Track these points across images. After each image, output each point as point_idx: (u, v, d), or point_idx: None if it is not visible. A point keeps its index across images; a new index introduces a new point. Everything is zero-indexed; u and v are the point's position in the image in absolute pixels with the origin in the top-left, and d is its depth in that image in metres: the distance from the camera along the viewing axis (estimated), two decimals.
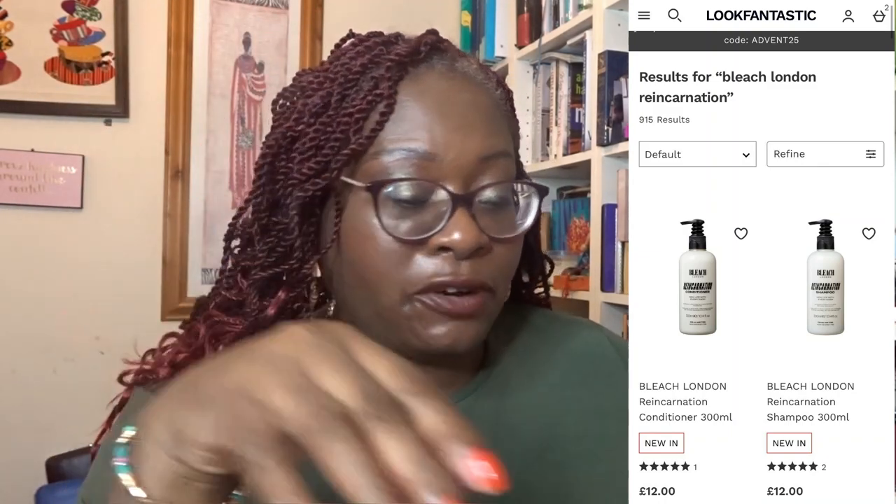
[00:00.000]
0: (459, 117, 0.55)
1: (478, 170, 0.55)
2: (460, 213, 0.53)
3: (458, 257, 0.53)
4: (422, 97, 0.55)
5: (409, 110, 0.54)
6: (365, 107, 0.54)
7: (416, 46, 0.56)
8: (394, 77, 0.54)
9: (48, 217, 1.99)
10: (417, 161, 0.53)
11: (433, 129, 0.54)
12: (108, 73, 2.04)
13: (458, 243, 0.52)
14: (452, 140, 0.54)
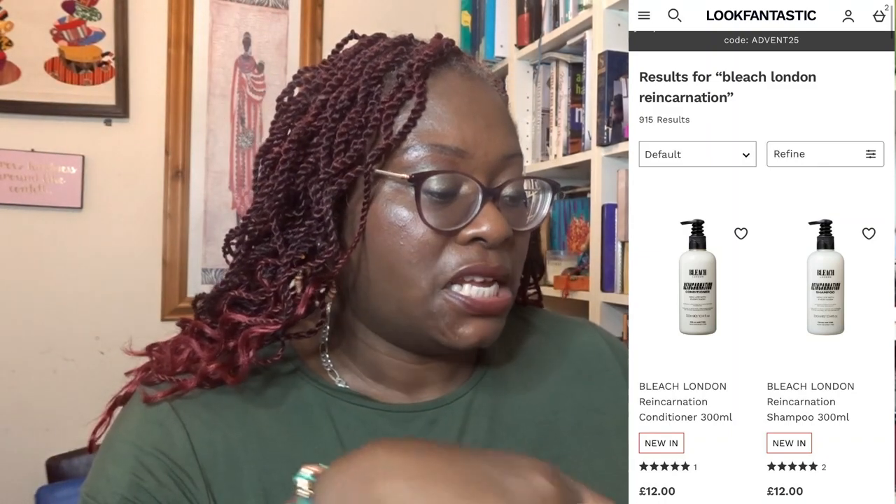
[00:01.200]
0: (485, 117, 0.58)
1: (501, 167, 0.57)
2: (489, 206, 0.56)
3: (488, 247, 0.55)
4: (447, 96, 0.57)
5: (437, 108, 0.56)
6: (395, 103, 0.56)
7: (439, 48, 0.59)
8: (423, 75, 0.57)
9: (48, 217, 1.99)
10: (449, 157, 0.55)
11: (463, 127, 0.56)
12: (108, 73, 2.04)
13: (490, 234, 0.55)
14: (481, 139, 0.56)
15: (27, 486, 1.84)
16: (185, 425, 0.55)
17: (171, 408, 0.56)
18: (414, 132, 0.56)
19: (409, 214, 0.55)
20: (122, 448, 0.55)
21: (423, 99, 0.56)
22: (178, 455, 0.54)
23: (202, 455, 0.54)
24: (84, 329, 2.00)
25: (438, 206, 0.55)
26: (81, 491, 0.55)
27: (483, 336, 0.56)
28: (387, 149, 0.55)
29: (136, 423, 0.56)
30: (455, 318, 0.56)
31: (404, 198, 0.55)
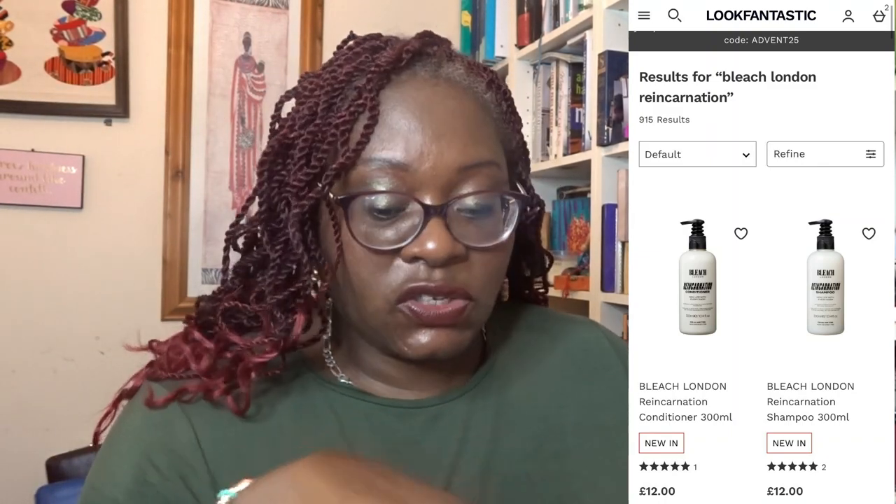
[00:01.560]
0: (439, 125, 0.54)
1: (457, 179, 0.54)
2: (434, 223, 0.53)
3: (430, 266, 0.53)
4: (402, 105, 0.55)
5: (388, 118, 0.54)
6: (348, 118, 0.54)
7: (398, 54, 0.56)
8: (375, 87, 0.54)
9: (48, 217, 1.99)
10: (392, 171, 0.53)
11: (410, 138, 0.54)
12: (108, 73, 2.04)
13: (430, 253, 0.53)
14: (430, 150, 0.54)
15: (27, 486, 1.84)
16: (191, 420, 0.55)
17: (177, 403, 0.56)
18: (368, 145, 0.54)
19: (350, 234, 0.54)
20: (127, 442, 0.55)
21: (375, 112, 0.54)
22: (182, 450, 0.54)
23: (208, 450, 0.54)
24: (84, 329, 2.00)
25: (384, 222, 0.54)
26: (86, 483, 0.55)
27: (436, 347, 0.55)
28: (342, 167, 0.54)
29: (141, 418, 0.56)
30: (406, 329, 0.55)
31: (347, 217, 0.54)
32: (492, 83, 0.60)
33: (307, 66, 2.19)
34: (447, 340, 0.55)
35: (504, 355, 0.65)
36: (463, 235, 0.54)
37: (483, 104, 0.58)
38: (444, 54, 0.59)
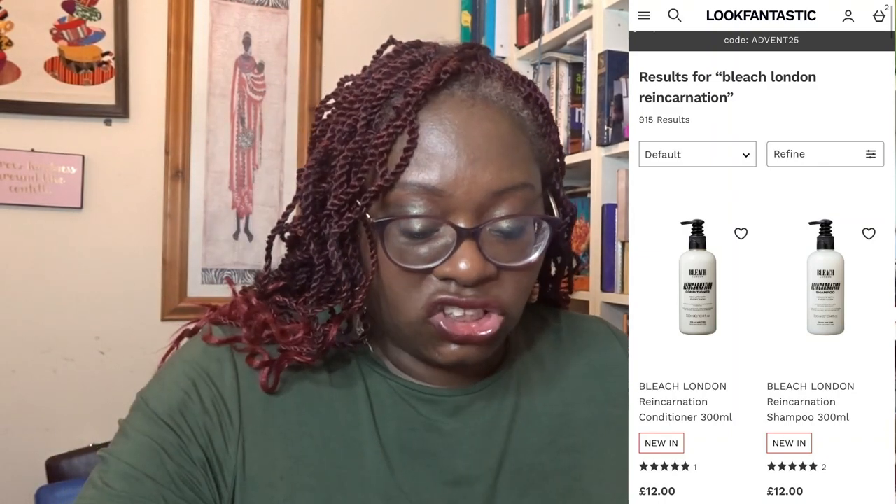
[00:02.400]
0: (475, 149, 0.55)
1: (490, 202, 0.56)
2: (466, 244, 0.55)
3: (465, 285, 0.55)
4: (439, 127, 0.55)
5: (425, 141, 0.55)
6: (387, 139, 0.55)
7: (436, 75, 0.56)
8: (413, 109, 0.55)
9: (48, 217, 1.99)
10: (427, 195, 0.55)
11: (446, 164, 0.55)
12: (108, 73, 2.04)
13: (461, 273, 0.54)
14: (464, 175, 0.55)
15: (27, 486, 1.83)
16: (237, 367, 0.60)
17: (229, 349, 0.61)
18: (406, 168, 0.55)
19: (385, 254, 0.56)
20: (182, 367, 0.60)
21: (414, 136, 0.55)
22: (226, 390, 0.59)
23: (245, 398, 0.59)
24: (84, 329, 2.00)
25: (418, 242, 0.56)
26: (138, 394, 0.60)
27: (465, 356, 0.58)
28: (379, 191, 0.55)
29: (199, 352, 0.61)
30: (437, 340, 0.57)
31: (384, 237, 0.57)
32: (529, 98, 0.60)
33: (307, 66, 2.18)
34: (476, 352, 0.58)
35: (523, 355, 0.69)
36: (495, 255, 0.55)
37: (519, 123, 0.59)
38: (483, 70, 0.59)
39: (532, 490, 0.61)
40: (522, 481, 0.62)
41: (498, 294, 0.57)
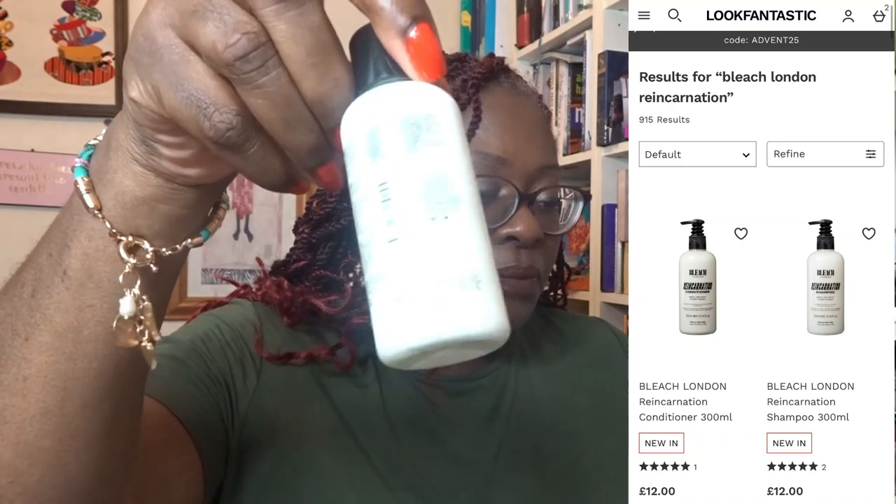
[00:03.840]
0: (526, 130, 0.64)
1: (537, 175, 0.64)
2: (524, 209, 0.62)
3: (521, 247, 0.62)
4: (494, 109, 0.64)
5: (484, 119, 0.63)
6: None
7: (490, 66, 0.66)
8: (476, 90, 0.64)
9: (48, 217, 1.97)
10: (491, 164, 0.62)
11: (505, 138, 0.63)
12: (108, 73, 2.04)
13: (523, 233, 0.61)
14: (521, 149, 0.63)
15: None
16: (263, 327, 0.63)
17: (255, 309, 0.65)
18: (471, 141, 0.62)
19: None
20: (208, 318, 0.64)
21: (479, 112, 0.63)
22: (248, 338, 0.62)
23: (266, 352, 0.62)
24: None
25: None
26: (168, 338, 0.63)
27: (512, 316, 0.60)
28: None
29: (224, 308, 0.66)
30: None
31: None
32: (540, 99, 0.71)
33: None
34: (520, 311, 0.63)
35: (524, 345, 0.72)
36: (541, 223, 0.63)
37: (546, 117, 0.69)
38: (514, 74, 0.70)
39: (530, 471, 0.64)
40: (521, 463, 0.64)
41: (541, 259, 0.64)
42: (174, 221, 0.35)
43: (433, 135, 0.31)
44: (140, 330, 0.34)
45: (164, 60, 0.30)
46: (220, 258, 2.08)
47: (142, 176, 0.34)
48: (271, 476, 0.58)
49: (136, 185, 0.34)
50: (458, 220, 0.30)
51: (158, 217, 0.35)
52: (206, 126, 0.30)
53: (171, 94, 0.30)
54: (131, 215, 0.34)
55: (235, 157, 0.31)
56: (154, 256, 0.35)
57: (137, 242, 0.34)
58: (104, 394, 0.37)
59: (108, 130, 0.35)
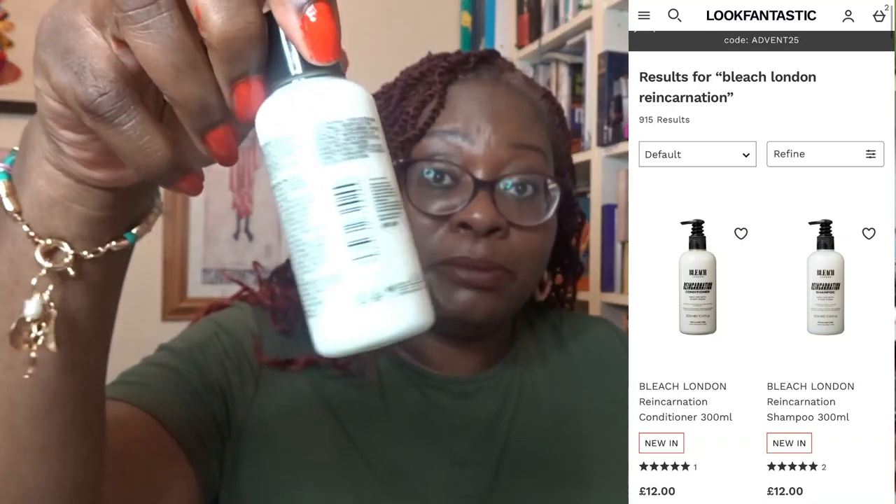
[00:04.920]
0: (496, 111, 0.62)
1: (506, 157, 0.61)
2: (482, 195, 0.59)
3: (475, 235, 0.58)
4: (466, 94, 0.62)
5: (451, 104, 0.62)
6: (418, 105, 0.61)
7: (466, 57, 0.64)
8: (444, 81, 0.62)
9: None
10: (451, 142, 0.60)
11: (469, 120, 0.61)
12: None
13: (476, 221, 0.58)
14: (485, 128, 0.60)
15: None
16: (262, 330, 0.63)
17: (254, 313, 0.64)
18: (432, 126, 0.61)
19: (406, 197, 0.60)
20: (208, 324, 0.63)
21: (442, 99, 0.61)
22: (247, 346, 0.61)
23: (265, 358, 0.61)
24: None
25: (437, 192, 0.60)
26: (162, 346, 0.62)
27: (471, 307, 0.60)
28: (406, 142, 0.60)
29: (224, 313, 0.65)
30: (444, 288, 0.60)
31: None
32: (547, 96, 0.68)
33: None
34: (480, 302, 0.60)
35: (529, 348, 0.71)
36: (507, 212, 0.60)
37: (537, 109, 0.66)
38: (506, 66, 0.68)
39: (533, 475, 0.64)
40: (524, 466, 0.64)
41: (507, 254, 0.60)
42: (92, 223, 0.34)
43: (377, 140, 0.32)
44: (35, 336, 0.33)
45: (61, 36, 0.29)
46: (219, 258, 2.08)
47: (52, 175, 0.33)
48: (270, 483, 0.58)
49: (49, 186, 0.33)
50: (402, 225, 0.32)
51: (75, 219, 0.33)
52: (80, 92, 0.28)
53: (56, 67, 0.29)
54: (47, 216, 0.33)
55: (110, 130, 0.29)
56: (74, 260, 0.33)
57: (56, 245, 0.33)
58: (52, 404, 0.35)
59: (25, 129, 0.34)
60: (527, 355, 0.71)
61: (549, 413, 0.67)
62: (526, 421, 0.66)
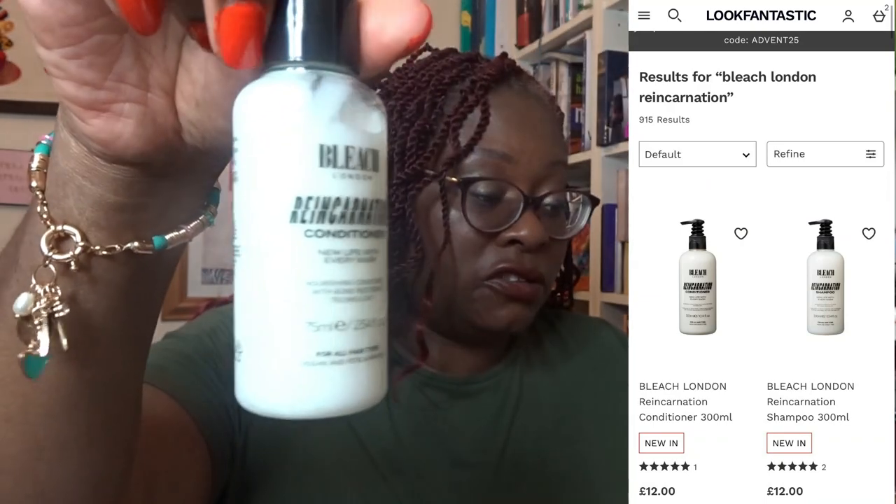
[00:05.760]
0: (533, 128, 0.63)
1: (544, 174, 0.63)
2: (529, 212, 0.61)
3: (525, 251, 0.61)
4: (502, 110, 0.63)
5: (493, 118, 0.62)
6: (459, 116, 0.62)
7: (500, 68, 0.65)
8: (484, 91, 0.63)
9: None
10: (496, 162, 0.61)
11: (511, 136, 0.62)
12: None
13: (527, 238, 0.60)
14: (527, 147, 0.62)
15: None
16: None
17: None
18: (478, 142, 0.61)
19: (457, 214, 0.61)
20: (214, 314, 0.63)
21: (487, 114, 0.62)
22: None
23: None
24: None
25: (484, 208, 0.61)
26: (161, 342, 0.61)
27: (513, 320, 0.62)
28: (456, 158, 0.61)
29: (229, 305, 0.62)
30: (491, 303, 0.61)
31: (455, 199, 0.61)
32: (553, 100, 0.70)
33: None
34: (521, 315, 0.62)
35: (528, 349, 0.72)
36: (547, 227, 0.62)
37: (557, 120, 0.69)
38: (526, 76, 0.69)
39: (532, 474, 0.64)
40: (524, 466, 0.64)
41: (544, 266, 0.63)
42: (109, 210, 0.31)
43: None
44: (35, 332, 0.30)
45: None
46: (219, 258, 2.08)
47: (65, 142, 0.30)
48: (275, 476, 0.58)
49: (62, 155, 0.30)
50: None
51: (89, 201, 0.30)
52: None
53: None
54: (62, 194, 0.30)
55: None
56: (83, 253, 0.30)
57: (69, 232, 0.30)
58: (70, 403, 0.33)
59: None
60: (526, 355, 0.71)
61: (548, 413, 0.68)
62: (526, 421, 0.66)
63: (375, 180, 0.27)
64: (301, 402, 0.26)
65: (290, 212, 0.25)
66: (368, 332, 0.27)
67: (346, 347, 0.26)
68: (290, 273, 0.26)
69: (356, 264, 0.26)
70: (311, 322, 0.26)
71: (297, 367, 0.26)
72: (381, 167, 0.27)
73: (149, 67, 0.29)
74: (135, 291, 0.33)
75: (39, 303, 0.30)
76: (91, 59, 0.27)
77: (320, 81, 0.26)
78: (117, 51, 0.28)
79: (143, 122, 0.29)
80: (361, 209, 0.26)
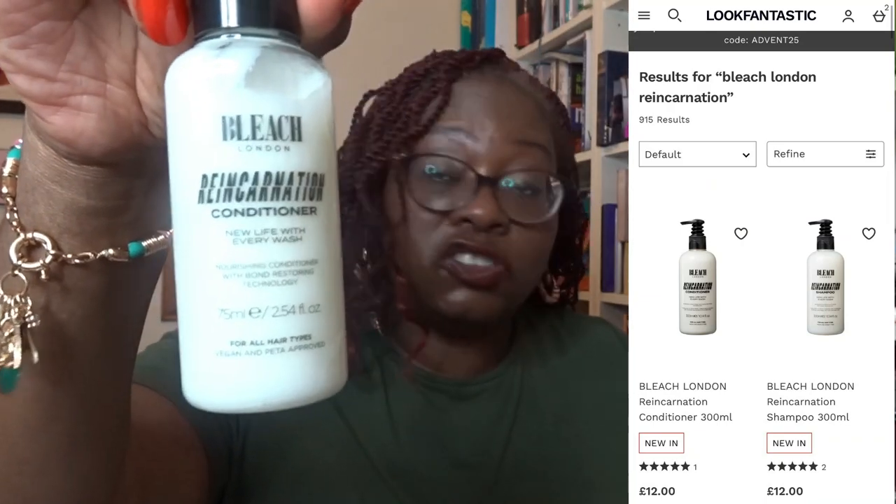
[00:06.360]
0: (500, 108, 0.61)
1: (510, 153, 0.60)
2: (484, 191, 0.59)
3: (477, 230, 0.58)
4: (470, 91, 0.62)
5: (456, 101, 0.62)
6: (423, 101, 0.61)
7: (471, 55, 0.64)
8: (448, 78, 0.62)
9: None
10: (455, 138, 0.60)
11: (474, 116, 0.61)
12: None
13: (477, 217, 0.58)
14: (489, 124, 0.60)
15: None
16: None
17: None
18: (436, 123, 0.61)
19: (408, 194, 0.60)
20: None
21: (447, 97, 0.61)
22: None
23: None
24: None
25: (440, 188, 0.60)
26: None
27: (470, 307, 0.60)
28: (410, 138, 0.60)
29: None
30: (446, 285, 0.60)
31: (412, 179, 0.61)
32: (552, 96, 0.68)
33: None
34: (481, 302, 0.60)
35: (528, 349, 0.71)
36: (509, 209, 0.59)
37: (542, 108, 0.66)
38: (511, 65, 0.68)
39: (533, 476, 0.64)
40: (524, 468, 0.64)
41: (506, 248, 0.60)
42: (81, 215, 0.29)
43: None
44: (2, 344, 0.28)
45: None
46: None
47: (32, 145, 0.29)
48: (273, 480, 0.58)
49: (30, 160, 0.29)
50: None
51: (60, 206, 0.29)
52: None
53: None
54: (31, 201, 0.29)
55: None
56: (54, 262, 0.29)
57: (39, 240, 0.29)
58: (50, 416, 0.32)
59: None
60: (527, 356, 0.71)
61: (549, 414, 0.67)
62: (526, 422, 0.66)
63: (296, 151, 0.25)
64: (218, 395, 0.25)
65: (198, 191, 0.24)
66: (293, 319, 0.25)
67: (264, 336, 0.24)
68: (199, 256, 0.24)
69: (272, 245, 0.24)
70: (223, 309, 0.24)
71: (211, 357, 0.24)
72: (309, 136, 0.25)
73: (105, 56, 0.28)
74: (112, 301, 0.32)
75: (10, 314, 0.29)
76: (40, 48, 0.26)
77: (226, 48, 0.24)
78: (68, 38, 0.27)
79: (105, 116, 0.28)
80: (276, 184, 0.24)
